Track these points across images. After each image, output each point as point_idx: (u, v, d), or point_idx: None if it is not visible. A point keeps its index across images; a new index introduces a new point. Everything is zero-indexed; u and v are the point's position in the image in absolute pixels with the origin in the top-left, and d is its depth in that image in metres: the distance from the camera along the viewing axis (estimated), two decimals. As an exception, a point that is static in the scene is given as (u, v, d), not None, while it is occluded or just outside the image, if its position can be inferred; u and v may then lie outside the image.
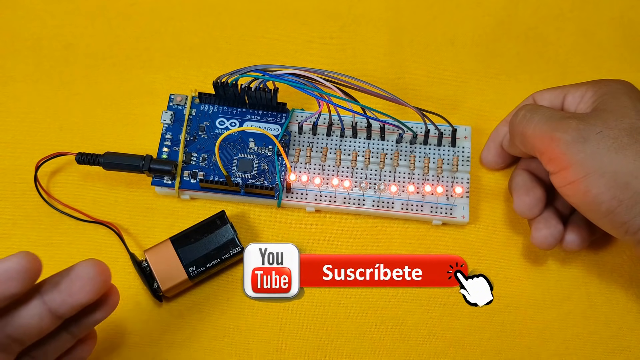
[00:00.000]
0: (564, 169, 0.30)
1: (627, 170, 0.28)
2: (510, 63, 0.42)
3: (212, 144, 0.37)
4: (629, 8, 0.43)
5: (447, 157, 0.37)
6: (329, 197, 0.37)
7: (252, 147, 0.37)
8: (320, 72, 0.35)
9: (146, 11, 0.44)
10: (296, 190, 0.37)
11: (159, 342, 0.35)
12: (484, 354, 0.34)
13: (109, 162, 0.36)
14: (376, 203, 0.36)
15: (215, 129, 0.38)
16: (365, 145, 0.37)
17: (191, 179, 0.37)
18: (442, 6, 0.44)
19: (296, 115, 0.38)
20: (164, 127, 0.38)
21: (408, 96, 0.41)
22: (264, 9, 0.44)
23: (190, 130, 0.38)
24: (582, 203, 0.30)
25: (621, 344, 0.34)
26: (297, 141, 0.38)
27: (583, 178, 0.29)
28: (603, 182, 0.28)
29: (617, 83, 0.32)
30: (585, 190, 0.29)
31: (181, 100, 0.38)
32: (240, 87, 0.36)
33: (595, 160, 0.29)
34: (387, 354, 0.35)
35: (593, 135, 0.29)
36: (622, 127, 0.29)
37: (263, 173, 0.37)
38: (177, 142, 0.37)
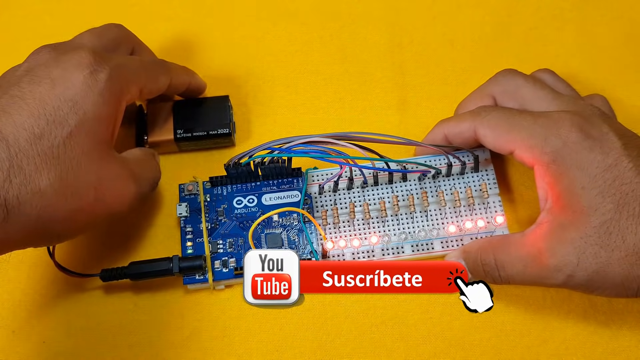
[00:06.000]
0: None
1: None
2: (510, 63, 0.41)
3: (235, 226, 0.36)
4: (629, 8, 0.43)
5: (475, 185, 0.36)
6: (366, 252, 0.35)
7: (277, 219, 0.36)
8: (332, 135, 0.33)
9: (146, 11, 0.44)
10: (332, 253, 0.35)
11: (159, 342, 0.35)
12: (484, 354, 0.34)
13: (136, 273, 0.34)
14: (415, 247, 0.35)
15: (235, 210, 0.36)
16: (390, 191, 0.36)
17: (223, 269, 0.35)
18: (442, 6, 0.44)
19: (312, 176, 0.37)
20: (182, 220, 0.36)
21: (408, 96, 0.41)
22: (264, 9, 0.44)
23: (209, 217, 0.36)
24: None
25: (621, 344, 0.34)
26: (319, 202, 0.36)
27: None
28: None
29: (566, 134, 0.31)
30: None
31: (192, 189, 0.37)
32: (253, 164, 0.35)
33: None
34: (387, 354, 0.35)
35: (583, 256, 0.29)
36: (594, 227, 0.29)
37: (294, 244, 0.36)
38: (198, 232, 0.36)
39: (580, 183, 0.30)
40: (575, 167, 0.30)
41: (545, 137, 0.31)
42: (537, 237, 0.31)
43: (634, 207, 0.29)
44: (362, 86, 0.41)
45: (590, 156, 0.30)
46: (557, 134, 0.31)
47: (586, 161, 0.30)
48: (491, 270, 0.32)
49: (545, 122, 0.31)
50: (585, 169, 0.30)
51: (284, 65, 0.42)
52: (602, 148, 0.30)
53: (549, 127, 0.31)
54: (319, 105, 0.41)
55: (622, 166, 0.30)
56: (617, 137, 0.30)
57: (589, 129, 0.31)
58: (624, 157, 0.30)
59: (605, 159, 0.30)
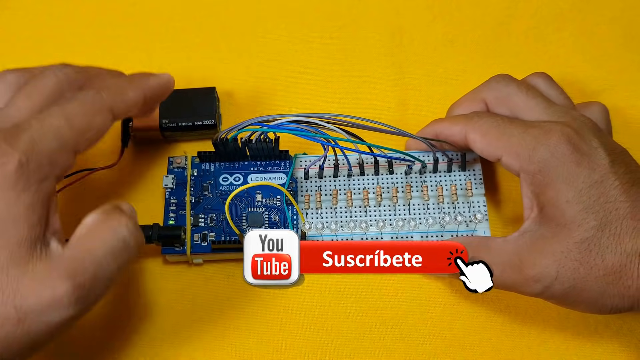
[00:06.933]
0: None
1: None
2: (510, 63, 0.42)
3: (218, 202, 0.37)
4: (629, 8, 0.43)
5: (460, 183, 0.37)
6: (344, 239, 0.36)
7: (260, 199, 0.37)
8: (321, 115, 0.34)
9: (146, 11, 0.44)
10: (311, 237, 0.36)
11: (159, 342, 0.35)
12: (484, 354, 0.34)
13: None
14: (395, 239, 0.36)
15: (220, 187, 0.37)
16: (375, 182, 0.37)
17: (202, 242, 0.36)
18: (442, 6, 0.44)
19: (300, 161, 0.38)
20: (167, 192, 0.37)
21: (408, 96, 0.41)
22: (264, 9, 0.44)
23: (194, 192, 0.37)
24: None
25: (621, 344, 0.34)
26: (304, 187, 0.37)
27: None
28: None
29: (554, 145, 0.31)
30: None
31: (181, 162, 0.37)
32: (240, 141, 0.36)
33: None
34: (387, 354, 0.35)
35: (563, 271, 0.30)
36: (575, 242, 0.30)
37: (275, 225, 0.36)
38: (182, 205, 0.36)
39: (565, 196, 0.30)
40: (562, 180, 0.30)
41: (534, 147, 0.31)
42: (519, 246, 0.31)
43: (616, 226, 0.29)
44: (362, 86, 0.41)
45: (577, 170, 0.30)
46: (546, 144, 0.31)
47: (573, 175, 0.30)
48: None
49: (535, 132, 0.31)
50: (571, 183, 0.30)
51: (284, 65, 0.42)
52: (590, 163, 0.30)
53: (539, 137, 0.31)
54: (319, 105, 0.41)
55: (608, 183, 0.30)
56: (606, 153, 0.30)
57: (579, 142, 0.31)
58: (610, 174, 0.30)
59: (591, 174, 0.30)
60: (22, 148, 0.26)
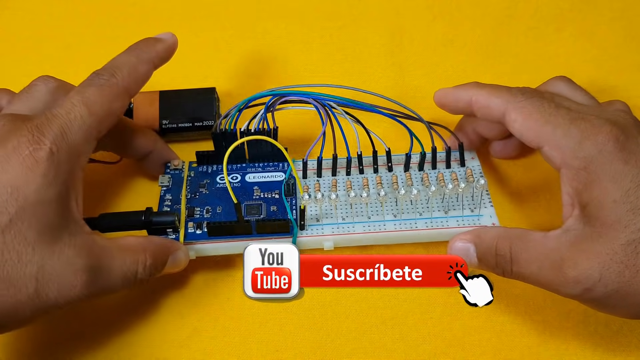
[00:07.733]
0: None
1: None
2: (510, 63, 0.42)
3: (215, 198, 0.36)
4: (629, 8, 0.43)
5: (460, 174, 0.36)
6: (346, 227, 0.35)
7: (258, 194, 0.36)
8: (316, 94, 0.34)
9: (147, 11, 0.44)
10: (311, 227, 0.35)
11: (159, 342, 0.35)
12: (484, 354, 0.34)
13: (107, 226, 0.34)
14: (398, 225, 0.35)
15: (216, 184, 0.37)
16: (374, 176, 0.37)
17: (196, 230, 0.35)
18: (442, 6, 0.44)
19: (297, 165, 0.37)
20: (162, 190, 0.36)
21: (408, 96, 0.41)
22: (264, 9, 0.44)
23: (190, 189, 0.36)
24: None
25: (621, 344, 0.34)
26: (303, 183, 0.37)
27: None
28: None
29: (602, 142, 0.29)
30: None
31: (178, 164, 0.37)
32: (239, 132, 0.35)
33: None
34: (387, 354, 0.35)
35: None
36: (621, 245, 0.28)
37: (274, 214, 0.36)
38: (177, 201, 0.36)
39: (612, 196, 0.29)
40: (608, 178, 0.29)
41: (580, 141, 0.29)
42: (561, 243, 0.29)
43: None
44: (362, 86, 0.41)
45: (625, 169, 0.29)
46: (594, 140, 0.29)
47: (620, 174, 0.29)
48: (504, 262, 0.30)
49: (583, 125, 0.30)
50: (618, 182, 0.29)
51: (284, 65, 0.42)
52: (638, 162, 0.29)
53: (586, 132, 0.30)
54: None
55: None
56: None
57: (625, 140, 0.29)
58: None
59: (639, 173, 0.29)
60: (53, 136, 0.28)
